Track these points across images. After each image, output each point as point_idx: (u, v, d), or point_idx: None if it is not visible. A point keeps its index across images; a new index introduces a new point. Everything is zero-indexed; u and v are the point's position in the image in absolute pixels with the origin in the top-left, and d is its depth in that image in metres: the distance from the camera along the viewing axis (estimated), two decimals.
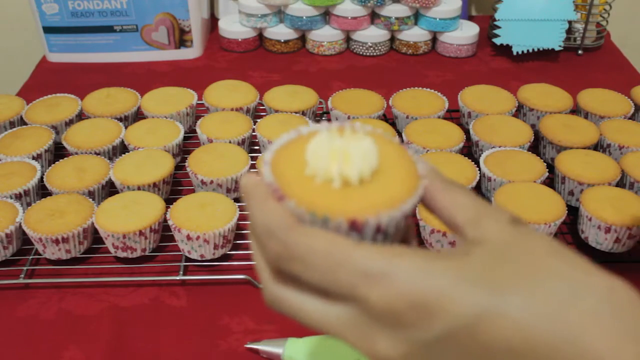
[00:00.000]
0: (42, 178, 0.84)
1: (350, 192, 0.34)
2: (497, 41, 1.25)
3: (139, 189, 0.82)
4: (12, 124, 0.97)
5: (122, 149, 0.93)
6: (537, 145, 0.94)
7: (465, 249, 0.34)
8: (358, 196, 0.34)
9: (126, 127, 0.93)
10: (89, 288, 0.75)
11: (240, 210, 0.78)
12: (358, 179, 0.34)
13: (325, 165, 0.34)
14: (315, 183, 0.34)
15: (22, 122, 0.98)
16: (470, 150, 0.94)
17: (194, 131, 0.99)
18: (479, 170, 0.84)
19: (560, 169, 0.84)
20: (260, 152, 0.93)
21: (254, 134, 0.93)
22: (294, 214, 0.34)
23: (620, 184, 0.84)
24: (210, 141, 0.90)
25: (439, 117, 0.96)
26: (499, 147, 0.88)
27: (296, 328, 0.70)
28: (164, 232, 0.80)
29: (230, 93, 1.00)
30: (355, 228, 0.33)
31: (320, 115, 1.05)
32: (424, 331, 0.32)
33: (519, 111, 1.02)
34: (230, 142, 0.90)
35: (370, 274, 0.32)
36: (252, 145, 0.96)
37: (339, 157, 0.34)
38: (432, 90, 1.01)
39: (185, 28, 1.23)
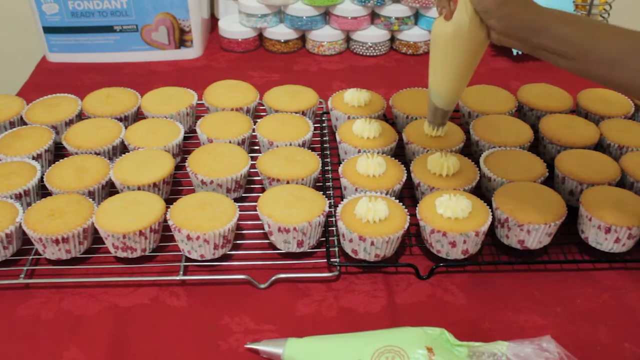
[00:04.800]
0: (42, 178, 0.84)
1: (371, 225, 0.74)
2: None
3: (139, 189, 0.82)
4: (12, 124, 0.97)
5: (122, 149, 0.93)
6: (537, 145, 0.95)
7: None
8: (372, 227, 0.73)
9: (126, 127, 0.93)
10: (89, 288, 0.75)
11: (240, 210, 0.78)
12: (377, 220, 0.74)
13: (364, 213, 0.73)
14: (359, 220, 0.74)
15: (22, 122, 0.98)
16: (470, 150, 0.94)
17: (194, 131, 0.99)
18: (479, 170, 0.84)
19: (560, 169, 0.84)
20: (260, 152, 0.93)
21: (254, 134, 0.93)
22: (343, 231, 0.74)
23: (621, 184, 0.84)
24: (210, 141, 0.90)
25: None
26: (499, 147, 0.88)
27: (296, 328, 0.70)
28: (164, 232, 0.80)
29: (230, 93, 1.00)
30: (361, 239, 0.73)
31: (320, 115, 1.05)
32: None
33: (519, 111, 1.02)
34: (230, 142, 0.90)
35: None
36: (252, 145, 0.96)
37: (370, 210, 0.73)
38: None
39: (185, 28, 1.23)
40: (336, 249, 0.78)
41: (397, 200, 0.79)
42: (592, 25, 0.62)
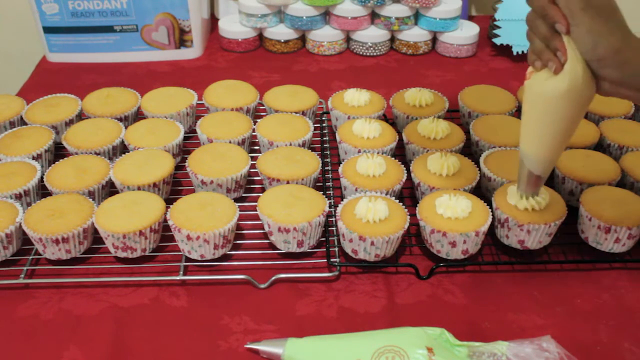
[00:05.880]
0: (42, 178, 0.84)
1: (371, 225, 0.73)
2: (497, 41, 1.25)
3: (139, 189, 0.82)
4: (12, 124, 0.97)
5: (122, 149, 0.93)
6: None
7: None
8: (372, 227, 0.73)
9: (126, 127, 0.93)
10: (89, 288, 0.75)
11: (240, 210, 0.78)
12: (377, 220, 0.73)
13: (364, 213, 0.73)
14: (359, 220, 0.74)
15: (22, 122, 0.98)
16: (470, 150, 0.94)
17: (194, 131, 0.99)
18: (479, 170, 0.84)
19: (560, 169, 0.84)
20: (260, 152, 0.93)
21: (254, 134, 0.93)
22: (343, 231, 0.74)
23: (621, 184, 0.84)
24: (210, 141, 0.90)
25: (439, 117, 0.96)
26: (499, 147, 0.88)
27: (296, 328, 0.70)
28: (164, 232, 0.80)
29: (230, 93, 1.00)
30: (361, 239, 0.73)
31: (320, 115, 1.05)
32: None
33: (519, 111, 1.02)
34: (230, 142, 0.90)
35: None
36: (252, 145, 0.96)
37: (370, 210, 0.73)
38: (432, 90, 1.01)
39: (185, 28, 1.23)
40: (336, 249, 0.78)
41: (397, 200, 0.79)
42: None
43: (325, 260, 0.78)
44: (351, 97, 0.97)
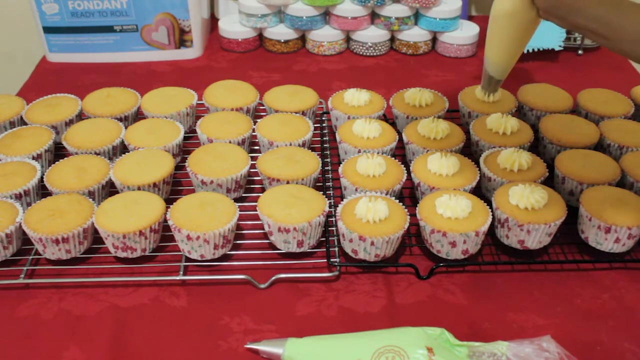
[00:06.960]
0: (42, 178, 0.84)
1: (371, 225, 0.73)
2: None
3: (139, 189, 0.82)
4: (12, 124, 0.97)
5: (122, 149, 0.93)
6: (537, 145, 0.95)
7: None
8: (372, 227, 0.73)
9: (126, 127, 0.93)
10: (89, 288, 0.75)
11: (240, 210, 0.78)
12: (377, 220, 0.74)
13: (364, 213, 0.74)
14: (359, 220, 0.74)
15: (22, 122, 0.98)
16: (470, 150, 0.94)
17: (194, 131, 0.99)
18: (479, 170, 0.84)
19: (560, 169, 0.84)
20: (260, 152, 0.93)
21: (254, 134, 0.93)
22: (343, 231, 0.75)
23: (620, 184, 0.84)
24: (210, 141, 0.90)
25: (439, 117, 0.96)
26: (499, 147, 0.88)
27: (296, 328, 0.70)
28: (164, 232, 0.80)
29: (230, 93, 1.00)
30: (361, 239, 0.73)
31: (320, 115, 1.05)
32: None
33: (519, 111, 1.02)
34: (230, 142, 0.90)
35: None
36: (252, 145, 0.96)
37: (370, 210, 0.73)
38: (432, 90, 1.01)
39: (185, 28, 1.23)
40: (336, 249, 0.78)
41: (397, 200, 0.79)
42: (624, 4, 0.64)
43: (325, 260, 0.78)
44: (351, 97, 0.97)
